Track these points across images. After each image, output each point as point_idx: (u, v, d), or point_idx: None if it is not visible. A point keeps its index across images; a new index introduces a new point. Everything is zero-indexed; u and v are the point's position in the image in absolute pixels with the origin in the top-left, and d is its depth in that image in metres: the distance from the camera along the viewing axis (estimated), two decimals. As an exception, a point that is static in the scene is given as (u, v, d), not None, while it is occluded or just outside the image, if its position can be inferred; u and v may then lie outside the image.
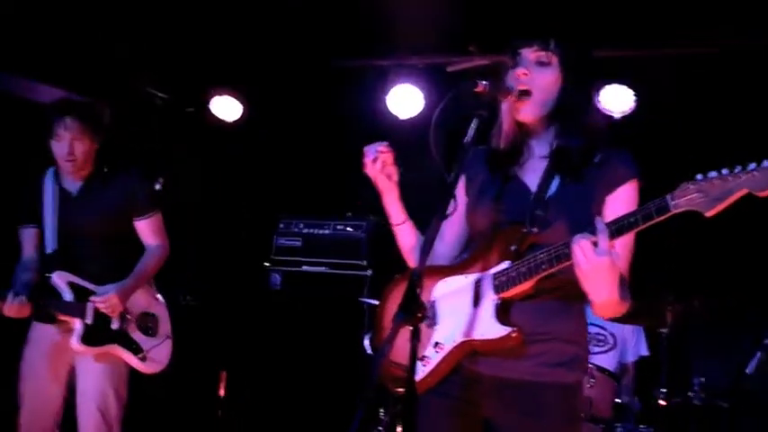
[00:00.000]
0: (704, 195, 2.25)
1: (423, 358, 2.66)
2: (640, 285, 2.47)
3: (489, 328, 2.57)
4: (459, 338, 2.62)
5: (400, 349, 2.42)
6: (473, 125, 2.57)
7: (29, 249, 4.34)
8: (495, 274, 2.60)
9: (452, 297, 2.69)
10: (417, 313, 2.28)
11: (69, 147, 4.20)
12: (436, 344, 2.67)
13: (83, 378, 4.24)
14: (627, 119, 5.54)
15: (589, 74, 2.76)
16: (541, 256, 2.48)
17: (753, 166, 2.21)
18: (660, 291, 4.71)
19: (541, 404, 2.59)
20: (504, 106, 2.72)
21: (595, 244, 2.34)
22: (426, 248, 2.41)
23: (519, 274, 2.53)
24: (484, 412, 2.65)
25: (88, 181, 4.34)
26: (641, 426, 5.02)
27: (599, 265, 2.34)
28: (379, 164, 2.80)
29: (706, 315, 4.75)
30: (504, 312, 2.57)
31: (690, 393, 4.80)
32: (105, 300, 4.13)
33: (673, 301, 4.71)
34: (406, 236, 2.91)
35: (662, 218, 2.32)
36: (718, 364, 5.21)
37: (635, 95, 5.55)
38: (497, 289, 2.58)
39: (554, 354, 2.61)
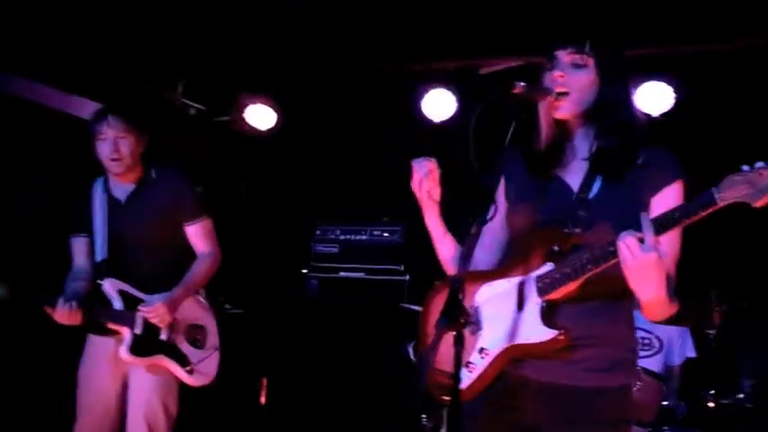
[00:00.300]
0: (751, 186, 2.22)
1: (468, 365, 2.64)
2: (687, 286, 2.41)
3: (535, 332, 2.55)
4: (505, 343, 2.60)
5: (445, 356, 2.41)
6: (512, 128, 2.56)
7: (79, 259, 4.32)
8: (538, 276, 2.58)
9: (496, 302, 2.66)
10: (460, 318, 2.26)
11: (114, 144, 4.17)
12: (481, 349, 2.65)
13: (134, 389, 4.22)
14: (667, 116, 5.48)
15: (625, 73, 2.74)
16: (586, 256, 2.45)
17: None
18: (707, 291, 4.66)
19: (589, 409, 2.56)
20: (542, 107, 2.70)
21: (641, 240, 2.31)
22: (467, 254, 2.40)
23: (563, 275, 2.51)
24: (530, 418, 2.62)
25: (137, 188, 4.32)
26: (688, 428, 4.97)
27: (646, 262, 2.30)
28: (427, 182, 2.76)
29: (754, 315, 4.69)
30: (549, 315, 2.55)
31: (739, 395, 4.73)
32: (153, 310, 4.10)
33: (720, 302, 4.66)
34: (446, 249, 2.88)
35: (708, 211, 2.29)
36: (767, 365, 5.13)
37: (674, 93, 5.49)
38: (541, 291, 2.56)
39: (601, 358, 2.58)
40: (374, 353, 6.09)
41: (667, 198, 2.55)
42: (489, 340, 2.64)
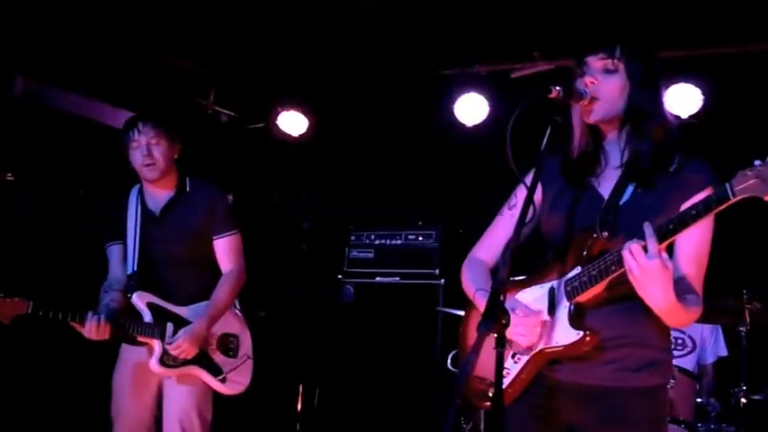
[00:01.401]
0: (762, 180, 2.23)
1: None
2: (718, 284, 2.44)
3: (564, 334, 2.58)
4: (537, 347, 2.64)
5: (482, 363, 2.45)
6: (548, 131, 2.59)
7: (115, 267, 4.30)
8: (567, 280, 2.61)
9: (530, 308, 2.70)
10: (502, 320, 2.28)
11: (147, 150, 4.16)
12: (514, 354, 2.70)
13: (168, 399, 4.22)
14: (695, 118, 5.49)
15: (656, 78, 2.74)
16: (611, 258, 2.47)
17: None
18: (737, 289, 4.66)
19: (622, 409, 2.59)
20: (575, 111, 2.74)
21: (645, 248, 2.34)
22: (507, 256, 2.43)
23: (590, 277, 2.53)
24: (567, 419, 2.66)
25: (171, 200, 4.30)
26: (723, 425, 4.97)
27: (649, 269, 2.34)
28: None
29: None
30: (577, 317, 2.57)
31: (770, 391, 4.75)
32: (177, 346, 4.07)
33: (751, 299, 4.66)
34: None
35: (722, 207, 2.29)
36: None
37: (702, 95, 5.50)
38: (570, 294, 2.59)
39: (633, 358, 2.60)
40: (408, 357, 6.10)
41: None
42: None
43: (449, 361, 5.23)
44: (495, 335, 2.28)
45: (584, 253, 2.58)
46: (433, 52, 6.03)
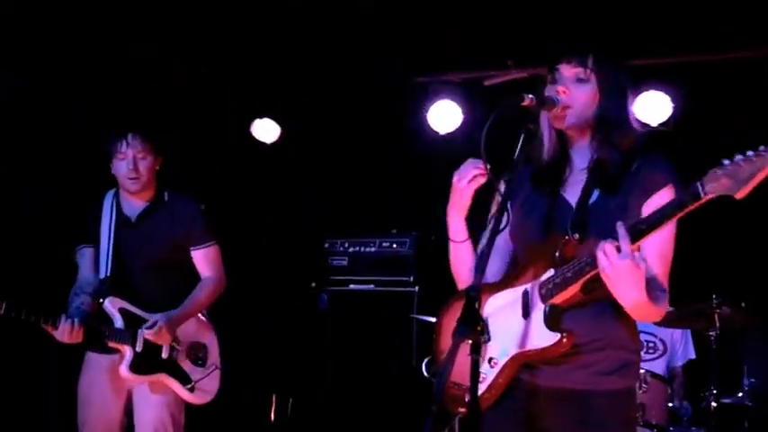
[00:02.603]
0: (732, 179, 2.25)
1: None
2: (688, 289, 2.49)
3: (540, 337, 2.59)
4: (513, 351, 2.64)
5: (458, 369, 2.44)
6: (521, 139, 2.61)
7: (85, 270, 4.29)
8: (541, 283, 2.62)
9: (502, 312, 2.71)
10: (477, 327, 2.30)
11: (133, 164, 4.18)
12: (490, 359, 2.69)
13: (140, 406, 4.22)
14: (665, 125, 5.55)
15: (626, 87, 2.79)
16: (584, 259, 2.50)
17: None
18: (707, 294, 4.72)
19: (596, 412, 2.61)
20: (545, 118, 2.76)
21: (618, 249, 2.37)
22: (482, 263, 2.45)
23: (564, 279, 2.55)
24: (542, 423, 2.67)
25: (148, 208, 4.32)
26: (693, 428, 5.03)
27: (622, 269, 2.37)
28: (473, 183, 2.74)
29: (754, 316, 4.75)
30: (553, 319, 2.58)
31: (740, 394, 4.80)
32: (154, 333, 4.08)
33: (720, 304, 4.72)
34: (464, 254, 2.90)
35: (694, 206, 2.32)
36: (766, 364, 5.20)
37: (672, 102, 5.57)
38: (545, 297, 2.60)
39: (608, 361, 2.63)
40: (383, 365, 6.10)
41: (658, 203, 2.55)
42: (498, 350, 2.68)
43: (423, 367, 5.24)
44: (471, 341, 2.29)
45: (557, 255, 2.60)
46: (407, 59, 6.04)
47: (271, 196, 7.04)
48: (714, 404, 4.74)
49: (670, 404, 4.99)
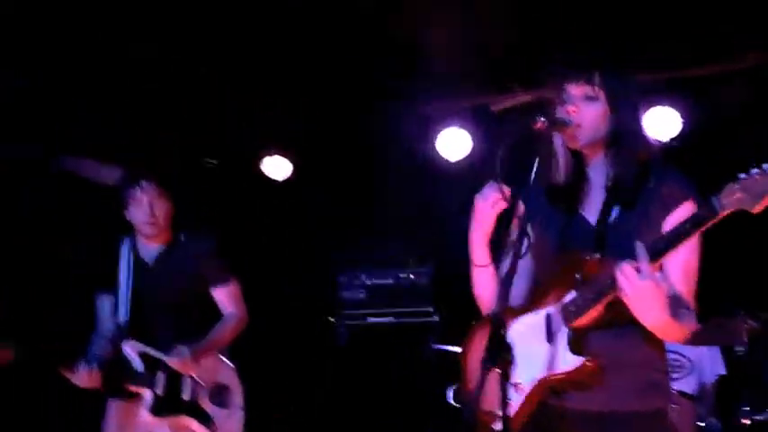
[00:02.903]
0: (747, 193, 2.25)
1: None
2: (715, 305, 2.45)
3: (564, 361, 2.57)
4: (538, 376, 2.63)
5: (485, 397, 2.43)
6: (536, 162, 2.61)
7: (104, 316, 4.34)
8: (563, 305, 2.61)
9: (526, 336, 2.69)
10: (505, 356, 2.30)
11: (149, 208, 4.24)
12: (516, 384, 2.67)
13: None
14: (676, 140, 5.53)
15: (636, 101, 2.79)
16: (604, 280, 2.48)
17: None
18: (734, 309, 4.68)
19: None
20: (559, 139, 2.76)
21: (638, 269, 2.35)
22: (505, 289, 2.43)
23: (585, 301, 2.54)
24: None
25: (165, 250, 4.37)
26: (726, 446, 4.97)
27: (642, 289, 2.35)
28: (496, 207, 2.74)
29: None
30: (577, 342, 2.57)
31: (772, 410, 4.74)
32: (178, 360, 4.11)
33: (748, 319, 4.67)
34: (488, 278, 2.89)
35: (711, 222, 2.32)
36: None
37: (681, 117, 5.54)
38: (567, 319, 2.59)
39: (635, 381, 2.61)
40: (409, 397, 6.07)
41: (679, 218, 2.53)
42: (523, 374, 2.66)
43: (450, 395, 5.20)
44: (500, 370, 2.29)
45: (578, 276, 2.59)
46: (413, 87, 6.05)
47: (286, 233, 7.03)
48: (746, 421, 4.68)
49: (700, 423, 4.91)
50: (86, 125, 5.63)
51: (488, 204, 2.70)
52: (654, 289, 2.35)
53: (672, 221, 2.57)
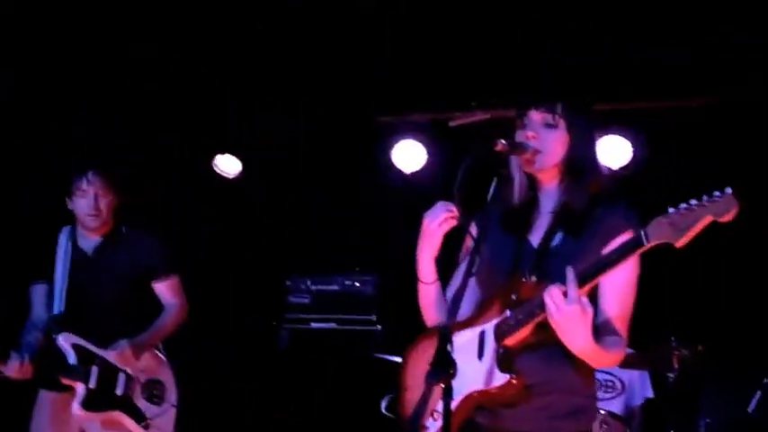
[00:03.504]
0: (674, 227, 2.30)
1: (433, 413, 2.69)
2: (646, 331, 2.52)
3: (492, 377, 2.60)
4: (465, 391, 2.64)
5: (413, 405, 2.46)
6: (494, 183, 2.65)
7: (38, 307, 4.27)
8: (496, 324, 2.64)
9: (461, 351, 2.67)
10: (450, 370, 2.32)
11: (94, 201, 4.19)
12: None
13: None
14: (625, 169, 5.65)
15: (593, 131, 2.86)
16: (535, 302, 2.51)
17: (717, 193, 2.27)
18: (666, 337, 4.79)
19: None
20: (515, 162, 2.79)
21: (565, 294, 2.40)
22: (454, 306, 2.46)
23: (517, 321, 2.56)
24: None
25: (105, 241, 4.31)
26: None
27: (569, 314, 2.39)
28: (444, 226, 2.74)
29: (710, 358, 4.82)
30: (505, 360, 2.59)
31: (695, 434, 4.86)
32: (118, 353, 4.08)
33: (679, 347, 4.78)
34: (433, 295, 2.91)
35: (637, 252, 2.39)
36: (722, 405, 5.26)
37: (632, 147, 5.66)
38: (498, 338, 2.62)
39: (560, 405, 2.65)
40: (343, 404, 6.07)
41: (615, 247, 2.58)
42: (453, 389, 2.67)
43: (384, 405, 5.22)
44: (443, 385, 2.32)
45: (514, 297, 2.62)
46: (372, 99, 6.09)
47: (232, 232, 7.01)
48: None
49: (627, 444, 5.01)
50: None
51: (436, 223, 2.71)
52: (579, 314, 2.38)
53: (608, 251, 2.60)
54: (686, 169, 5.61)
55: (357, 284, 6.34)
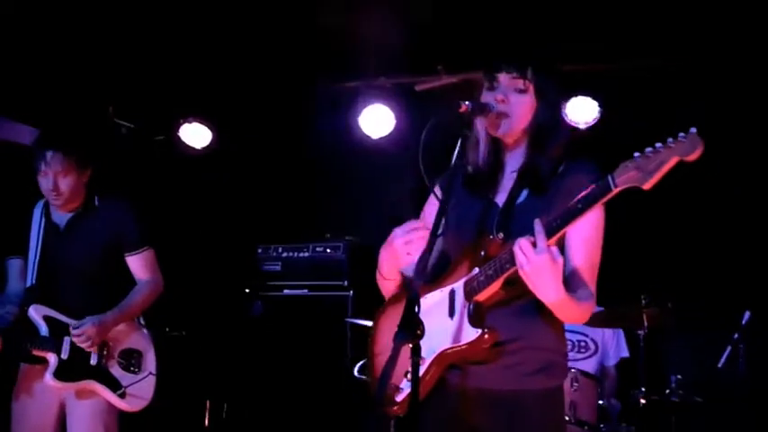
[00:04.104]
0: (640, 171, 2.30)
1: (406, 374, 2.72)
2: (617, 290, 2.55)
3: (464, 333, 2.63)
4: (438, 349, 2.68)
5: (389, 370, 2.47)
6: (458, 145, 2.67)
7: (13, 281, 4.26)
8: (465, 281, 2.67)
9: (431, 312, 2.73)
10: (417, 330, 2.33)
11: (54, 182, 4.13)
12: None
13: (71, 416, 4.18)
14: (592, 128, 5.68)
15: (560, 96, 2.89)
16: (504, 256, 2.54)
17: (682, 135, 2.27)
18: (636, 295, 4.84)
19: (523, 412, 2.67)
20: (481, 124, 2.80)
21: (534, 244, 2.42)
22: (422, 267, 2.47)
23: (486, 277, 2.59)
24: (470, 422, 2.72)
25: (78, 215, 4.28)
26: (623, 425, 5.14)
27: (539, 264, 2.41)
28: (408, 247, 2.70)
29: (680, 315, 4.88)
30: (477, 316, 2.62)
31: (667, 391, 4.92)
32: (81, 332, 4.04)
33: (648, 304, 4.83)
34: (392, 287, 2.95)
35: (606, 197, 2.38)
36: (692, 361, 5.35)
37: (599, 106, 5.69)
38: (468, 295, 2.65)
39: (531, 362, 2.69)
40: (317, 369, 6.08)
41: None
42: (425, 348, 2.64)
43: (356, 369, 5.26)
44: (411, 345, 2.33)
45: (482, 254, 2.64)
46: (338, 64, 6.06)
47: (203, 202, 6.99)
48: (643, 401, 4.86)
49: (600, 402, 5.08)
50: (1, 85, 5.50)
51: (402, 241, 2.68)
52: (550, 263, 2.40)
53: (576, 200, 2.62)
54: (653, 129, 5.65)
55: (328, 251, 6.34)
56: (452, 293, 2.72)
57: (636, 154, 2.32)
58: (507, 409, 2.67)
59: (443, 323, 2.70)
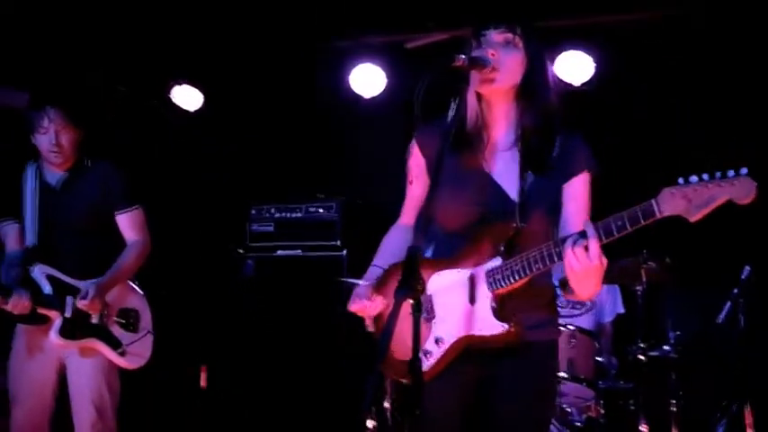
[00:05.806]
0: (688, 202, 2.36)
1: (426, 353, 2.75)
2: (615, 246, 2.54)
3: (488, 325, 2.68)
4: (460, 333, 2.72)
5: (400, 345, 2.57)
6: (457, 100, 2.70)
7: (11, 244, 4.33)
8: (488, 271, 2.70)
9: (447, 291, 2.77)
10: (417, 286, 2.33)
11: (55, 137, 4.23)
12: (437, 339, 2.76)
13: (74, 374, 4.27)
14: (587, 85, 5.62)
15: (547, 56, 2.87)
16: (534, 254, 2.59)
17: (731, 173, 2.32)
18: (635, 250, 4.81)
19: (528, 360, 2.75)
20: (473, 79, 2.76)
21: (586, 248, 2.46)
22: (422, 225, 2.55)
23: (513, 271, 2.64)
24: (475, 373, 2.78)
25: (70, 174, 4.36)
26: (621, 381, 5.15)
27: (591, 270, 2.48)
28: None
29: (678, 271, 4.87)
30: (501, 308, 2.68)
31: (666, 347, 4.92)
32: (88, 302, 4.15)
33: (647, 260, 4.82)
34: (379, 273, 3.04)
35: (648, 222, 2.44)
36: (691, 317, 5.34)
37: (594, 62, 5.62)
38: (492, 286, 2.68)
39: (534, 318, 2.76)
40: (311, 330, 6.10)
41: (575, 188, 2.76)
42: (444, 330, 2.76)
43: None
44: (412, 300, 2.33)
45: (503, 245, 2.69)
46: (327, 22, 5.99)
47: (195, 163, 6.95)
48: (641, 357, 4.86)
49: (598, 358, 5.09)
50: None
51: (356, 306, 2.94)
52: (600, 270, 2.49)
53: (567, 190, 2.76)
54: (647, 86, 5.61)
55: (321, 210, 6.34)
56: (472, 279, 2.73)
57: (680, 180, 2.38)
58: (511, 358, 2.72)
59: (463, 308, 2.73)
